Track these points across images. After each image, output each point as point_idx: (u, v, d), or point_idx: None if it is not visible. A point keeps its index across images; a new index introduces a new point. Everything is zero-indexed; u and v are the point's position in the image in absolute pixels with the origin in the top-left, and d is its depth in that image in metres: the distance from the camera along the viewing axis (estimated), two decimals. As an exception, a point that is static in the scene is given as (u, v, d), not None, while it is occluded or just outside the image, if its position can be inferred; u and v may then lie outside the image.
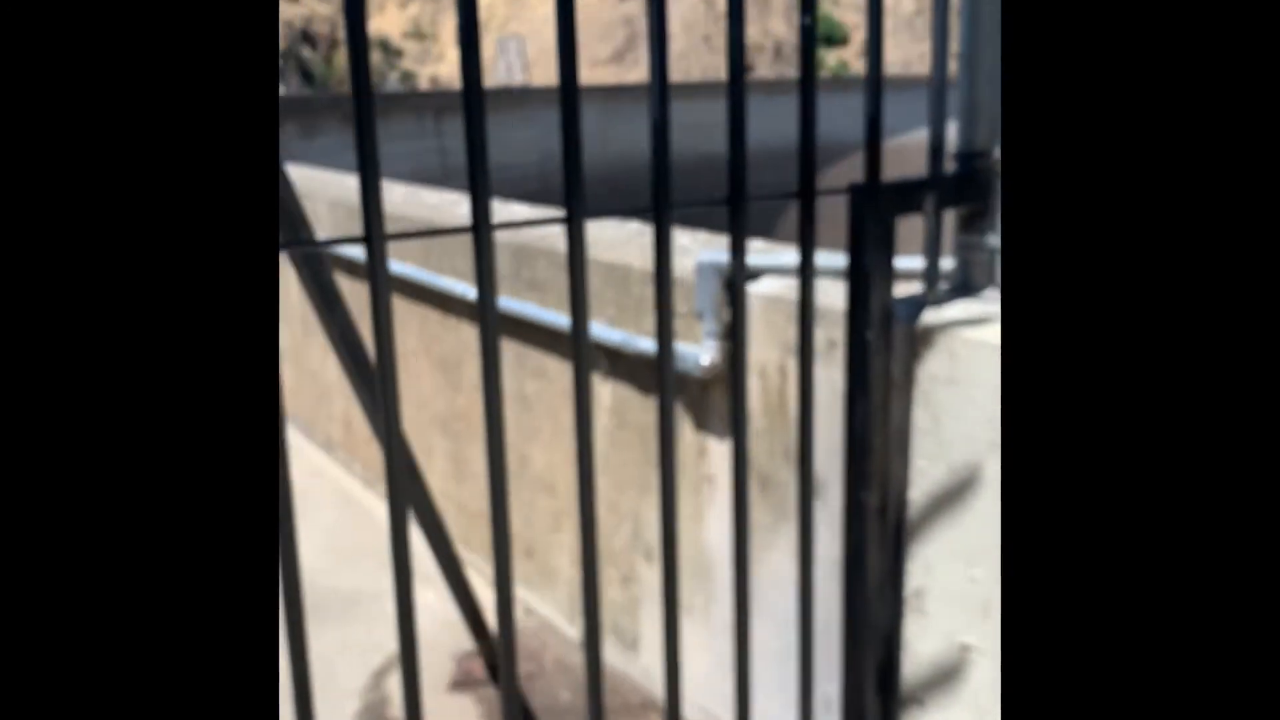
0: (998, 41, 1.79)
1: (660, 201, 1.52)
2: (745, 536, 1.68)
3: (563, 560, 3.06)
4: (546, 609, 3.16)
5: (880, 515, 1.91)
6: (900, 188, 1.76)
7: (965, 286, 1.94)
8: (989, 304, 1.85)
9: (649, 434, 2.62)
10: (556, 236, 2.95)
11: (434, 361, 3.66)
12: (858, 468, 1.84)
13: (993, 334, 1.72)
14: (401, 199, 4.12)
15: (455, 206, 3.78)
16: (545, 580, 3.15)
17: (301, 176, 5.06)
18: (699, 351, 2.29)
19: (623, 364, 2.64)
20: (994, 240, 1.87)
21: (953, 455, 1.81)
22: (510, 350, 3.06)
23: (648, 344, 2.49)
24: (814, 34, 1.57)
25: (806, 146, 1.60)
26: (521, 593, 3.26)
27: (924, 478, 1.87)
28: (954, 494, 1.82)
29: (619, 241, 2.77)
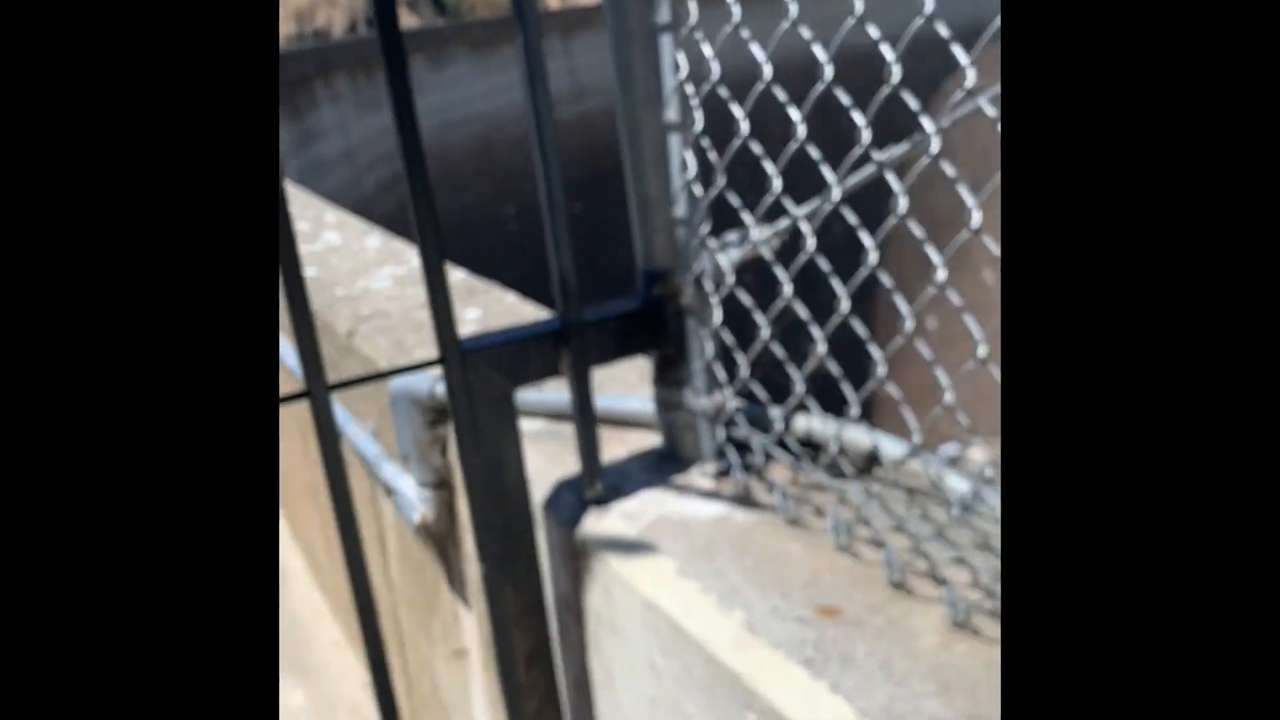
0: (661, 100, 1.16)
1: (314, 381, 1.05)
2: None
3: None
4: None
5: (573, 781, 1.35)
6: (505, 349, 1.17)
7: (673, 457, 1.32)
8: (685, 497, 1.24)
9: (425, 570, 2.09)
10: (350, 300, 2.41)
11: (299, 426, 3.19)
12: (513, 734, 1.27)
13: (653, 574, 1.12)
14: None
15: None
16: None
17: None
18: (414, 501, 1.75)
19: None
20: (695, 400, 1.25)
21: (630, 729, 1.23)
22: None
23: (390, 474, 1.95)
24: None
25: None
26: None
27: (613, 744, 1.29)
28: (637, 783, 1.25)
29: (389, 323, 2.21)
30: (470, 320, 2.12)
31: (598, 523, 1.22)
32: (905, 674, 0.88)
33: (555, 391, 1.48)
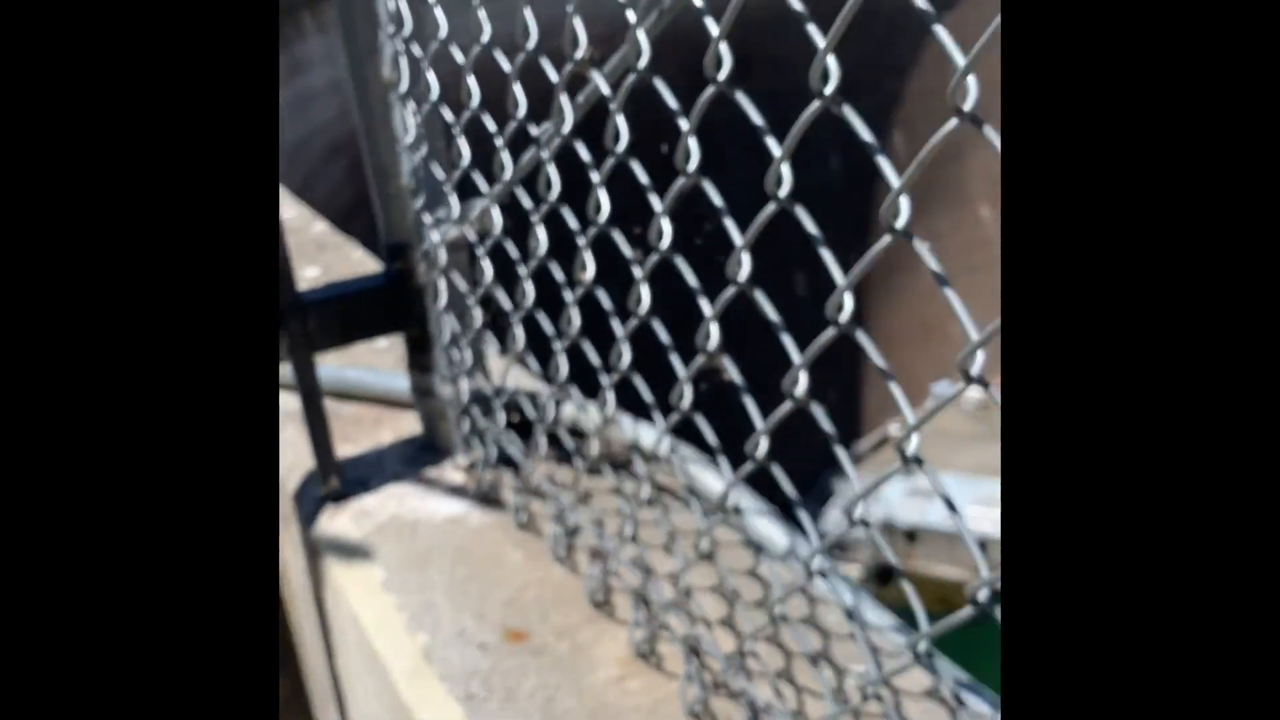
0: (377, 70, 1.03)
1: None
2: None
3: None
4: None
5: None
6: (209, 336, 1.05)
7: (433, 447, 1.22)
8: (431, 492, 1.13)
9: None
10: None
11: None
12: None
13: (362, 584, 1.02)
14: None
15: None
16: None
17: None
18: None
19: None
20: (441, 386, 1.14)
21: (369, 741, 1.14)
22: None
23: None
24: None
25: None
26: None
27: (366, 752, 1.20)
28: (379, 798, 1.16)
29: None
30: (308, 278, 1.99)
31: (330, 521, 1.12)
32: (563, 715, 0.78)
33: (334, 367, 1.37)
